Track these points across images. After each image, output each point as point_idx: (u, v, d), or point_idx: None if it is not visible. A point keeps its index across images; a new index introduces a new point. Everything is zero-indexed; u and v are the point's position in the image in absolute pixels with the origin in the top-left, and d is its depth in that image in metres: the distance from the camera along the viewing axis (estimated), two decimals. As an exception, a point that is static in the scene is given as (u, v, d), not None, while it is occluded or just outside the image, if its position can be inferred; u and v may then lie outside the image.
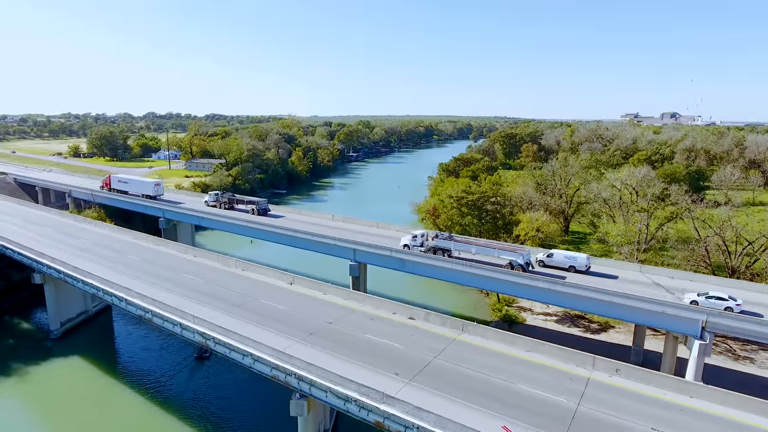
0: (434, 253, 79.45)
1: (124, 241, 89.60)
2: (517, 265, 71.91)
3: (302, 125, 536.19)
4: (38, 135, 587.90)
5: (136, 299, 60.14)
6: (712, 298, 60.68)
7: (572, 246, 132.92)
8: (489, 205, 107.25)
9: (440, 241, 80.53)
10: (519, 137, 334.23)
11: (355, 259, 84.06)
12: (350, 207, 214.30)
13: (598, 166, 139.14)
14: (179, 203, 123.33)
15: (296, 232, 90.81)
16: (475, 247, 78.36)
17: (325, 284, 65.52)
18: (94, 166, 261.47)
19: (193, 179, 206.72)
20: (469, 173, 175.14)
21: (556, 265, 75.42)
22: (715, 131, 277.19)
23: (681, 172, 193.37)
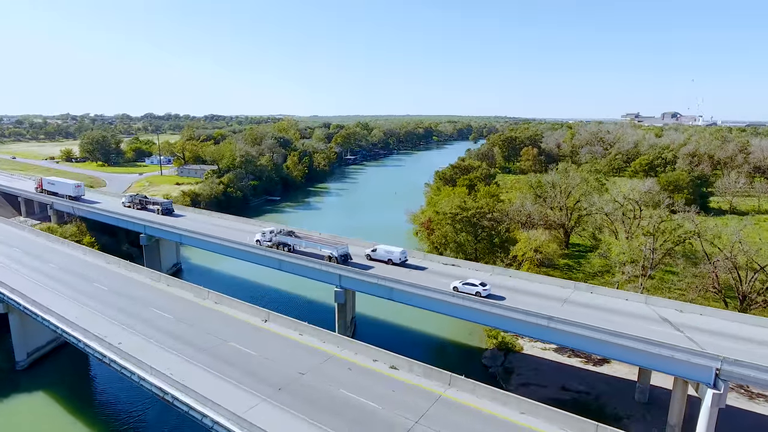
0: (277, 247, 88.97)
1: (95, 265, 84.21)
2: (333, 257, 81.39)
3: (300, 127, 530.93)
4: (34, 137, 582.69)
5: (93, 342, 54.86)
6: (467, 285, 69.04)
7: (572, 260, 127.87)
8: (485, 221, 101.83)
9: (281, 236, 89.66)
10: (519, 141, 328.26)
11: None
12: (345, 215, 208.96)
13: (599, 178, 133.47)
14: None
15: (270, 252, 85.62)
16: (305, 242, 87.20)
17: (302, 323, 60.01)
18: (85, 172, 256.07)
19: (184, 187, 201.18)
20: (466, 182, 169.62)
21: (378, 258, 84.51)
22: (719, 135, 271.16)
23: (684, 180, 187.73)
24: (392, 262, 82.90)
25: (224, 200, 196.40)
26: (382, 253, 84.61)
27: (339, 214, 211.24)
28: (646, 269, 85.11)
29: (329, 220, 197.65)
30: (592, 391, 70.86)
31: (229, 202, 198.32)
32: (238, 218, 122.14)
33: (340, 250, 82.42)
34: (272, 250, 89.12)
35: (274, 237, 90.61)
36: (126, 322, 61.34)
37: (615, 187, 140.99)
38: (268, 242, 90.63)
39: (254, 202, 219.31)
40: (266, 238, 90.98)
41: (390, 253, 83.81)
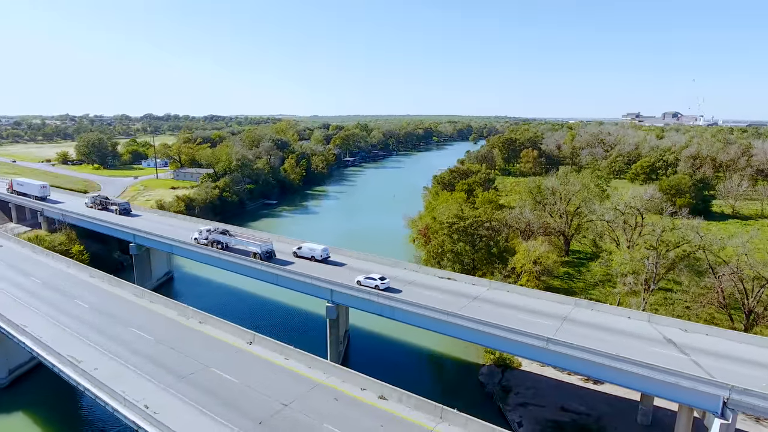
0: (212, 245, 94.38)
1: (78, 280, 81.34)
2: (258, 254, 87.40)
3: (298, 128, 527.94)
4: (32, 138, 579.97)
5: (67, 368, 52.15)
6: (369, 279, 74.35)
7: (572, 268, 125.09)
8: (483, 230, 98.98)
9: (215, 234, 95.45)
10: (519, 142, 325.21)
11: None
12: (342, 219, 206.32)
13: (600, 183, 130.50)
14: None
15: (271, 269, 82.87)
16: (235, 240, 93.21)
17: (288, 347, 57.10)
18: (80, 176, 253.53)
19: (178, 192, 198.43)
20: (465, 186, 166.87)
21: (303, 255, 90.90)
22: (721, 137, 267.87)
23: (686, 183, 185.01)
24: (315, 258, 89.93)
25: (219, 205, 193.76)
26: (307, 250, 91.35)
27: (336, 219, 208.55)
28: (649, 284, 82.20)
29: (326, 225, 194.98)
30: (593, 413, 68.04)
31: (224, 207, 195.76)
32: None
33: (263, 247, 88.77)
34: (207, 247, 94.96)
35: (209, 235, 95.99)
36: (104, 345, 58.52)
37: (616, 194, 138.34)
38: (204, 240, 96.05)
39: (250, 206, 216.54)
40: (203, 236, 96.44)
41: (313, 251, 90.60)
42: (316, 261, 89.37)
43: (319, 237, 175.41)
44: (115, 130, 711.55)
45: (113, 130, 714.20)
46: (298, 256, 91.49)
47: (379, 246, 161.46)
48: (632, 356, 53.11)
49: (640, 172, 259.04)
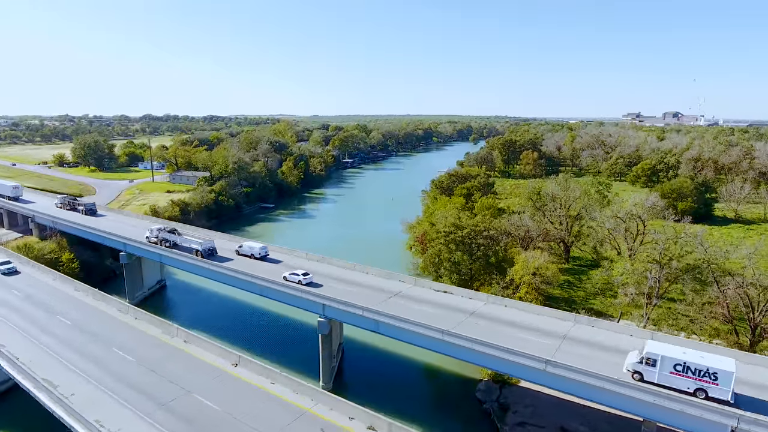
0: (161, 243, 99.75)
1: (62, 294, 78.86)
2: (199, 252, 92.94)
3: (297, 129, 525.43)
4: (30, 139, 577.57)
5: (42, 394, 49.69)
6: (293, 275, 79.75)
7: (572, 276, 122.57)
8: (480, 239, 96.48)
9: (164, 233, 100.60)
10: (518, 144, 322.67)
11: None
12: (339, 223, 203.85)
13: (600, 189, 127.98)
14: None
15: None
16: (179, 238, 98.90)
17: (274, 371, 54.55)
18: (76, 179, 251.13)
19: (174, 196, 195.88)
20: (464, 191, 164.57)
21: (244, 253, 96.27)
22: (723, 140, 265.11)
23: (688, 187, 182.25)
24: (254, 256, 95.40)
25: (215, 209, 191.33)
26: (247, 248, 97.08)
27: (333, 223, 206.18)
28: (652, 298, 79.65)
29: (323, 229, 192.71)
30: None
31: (220, 211, 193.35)
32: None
33: (204, 245, 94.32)
34: (157, 245, 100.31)
35: (159, 234, 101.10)
36: (83, 367, 56.04)
37: (617, 199, 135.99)
38: (155, 238, 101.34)
39: (247, 210, 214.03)
40: (153, 235, 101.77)
41: (252, 249, 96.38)
42: (255, 258, 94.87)
43: (315, 242, 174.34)
44: (113, 131, 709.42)
45: (112, 130, 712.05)
46: (240, 253, 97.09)
47: (376, 252, 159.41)
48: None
49: (641, 175, 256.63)
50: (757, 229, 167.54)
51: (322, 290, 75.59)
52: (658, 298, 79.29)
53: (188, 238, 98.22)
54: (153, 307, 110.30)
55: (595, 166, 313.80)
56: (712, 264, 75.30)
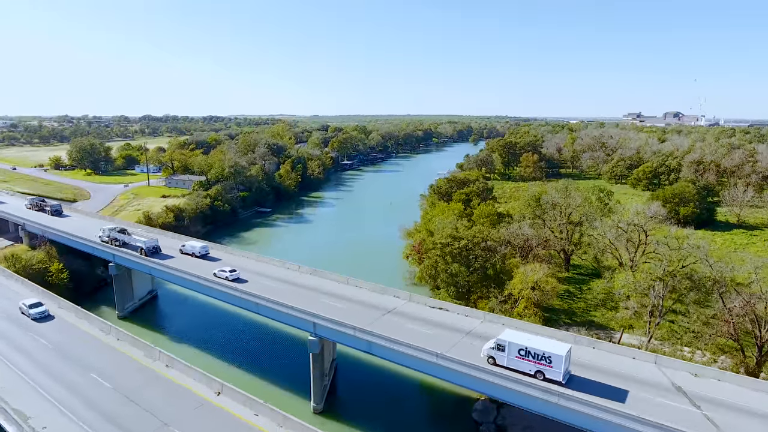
0: (111, 242, 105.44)
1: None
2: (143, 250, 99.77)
3: (296, 131, 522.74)
4: (28, 141, 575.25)
5: (11, 427, 46.98)
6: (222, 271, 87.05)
7: (573, 285, 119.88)
8: (478, 250, 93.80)
9: (114, 233, 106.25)
10: (518, 146, 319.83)
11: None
12: (337, 227, 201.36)
13: (602, 197, 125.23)
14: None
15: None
16: (127, 237, 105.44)
17: (258, 401, 51.78)
18: (71, 182, 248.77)
19: (169, 201, 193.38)
20: (462, 197, 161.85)
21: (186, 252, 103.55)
22: (725, 143, 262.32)
23: (690, 192, 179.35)
24: (195, 255, 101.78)
25: (210, 214, 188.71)
26: (189, 247, 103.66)
27: (331, 227, 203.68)
28: (655, 315, 76.90)
29: (320, 234, 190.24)
30: (595, 459, 62.87)
31: (215, 216, 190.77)
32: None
33: (148, 243, 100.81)
34: (107, 244, 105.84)
35: (110, 233, 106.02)
36: (58, 395, 53.40)
37: (619, 206, 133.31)
38: (106, 238, 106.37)
39: (243, 215, 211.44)
40: (105, 234, 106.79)
41: (193, 248, 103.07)
42: (196, 257, 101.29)
43: (311, 248, 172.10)
44: (112, 132, 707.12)
45: (111, 131, 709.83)
46: (183, 252, 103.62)
47: (373, 257, 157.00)
48: (639, 408, 48.12)
49: (642, 178, 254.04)
50: (760, 234, 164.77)
51: (312, 307, 72.92)
52: (660, 317, 76.46)
53: (136, 238, 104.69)
54: (143, 319, 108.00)
55: (595, 168, 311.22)
56: (717, 282, 72.37)
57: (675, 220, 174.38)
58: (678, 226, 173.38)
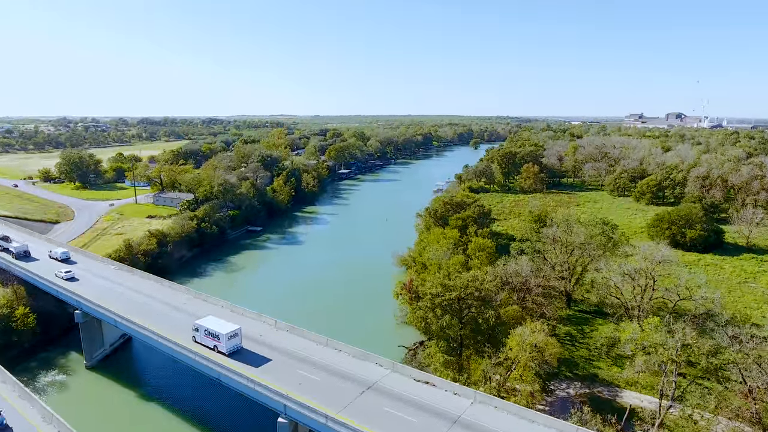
0: None
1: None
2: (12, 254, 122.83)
3: (293, 137, 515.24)
4: (23, 147, 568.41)
5: None
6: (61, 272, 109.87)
7: (575, 327, 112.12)
8: (471, 300, 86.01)
9: None
10: (519, 156, 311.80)
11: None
12: (329, 248, 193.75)
13: (606, 230, 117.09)
14: None
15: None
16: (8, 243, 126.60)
17: None
18: (57, 199, 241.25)
19: (154, 222, 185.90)
20: (459, 222, 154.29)
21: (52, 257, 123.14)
22: (732, 156, 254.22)
23: (697, 214, 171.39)
24: (58, 259, 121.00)
25: (197, 237, 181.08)
26: (53, 253, 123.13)
27: (323, 247, 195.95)
28: (666, 398, 68.90)
29: (310, 256, 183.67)
30: None
31: (202, 239, 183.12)
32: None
33: (18, 248, 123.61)
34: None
35: None
36: None
37: (624, 239, 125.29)
38: None
39: (232, 235, 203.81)
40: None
41: (56, 253, 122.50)
42: (58, 261, 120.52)
43: (300, 272, 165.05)
44: (109, 137, 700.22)
45: (107, 136, 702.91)
46: (50, 257, 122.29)
47: (365, 284, 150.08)
48: None
49: (646, 191, 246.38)
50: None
51: (285, 379, 65.41)
52: (673, 400, 68.45)
53: (13, 244, 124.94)
54: (113, 369, 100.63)
55: (597, 179, 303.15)
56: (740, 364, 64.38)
57: (682, 243, 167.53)
58: (684, 249, 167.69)
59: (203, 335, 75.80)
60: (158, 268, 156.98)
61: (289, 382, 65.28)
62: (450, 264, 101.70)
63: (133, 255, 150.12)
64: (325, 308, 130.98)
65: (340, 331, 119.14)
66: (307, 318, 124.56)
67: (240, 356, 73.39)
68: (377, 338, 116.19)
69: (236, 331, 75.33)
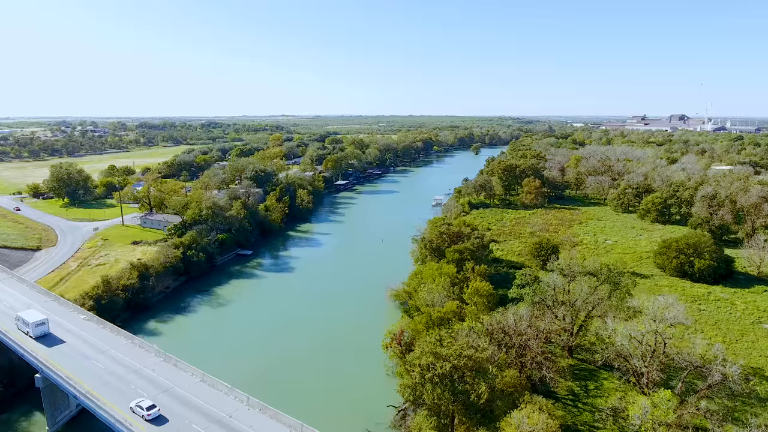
0: None
1: None
2: None
3: (291, 145, 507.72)
4: (18, 155, 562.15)
5: None
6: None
7: (576, 382, 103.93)
8: (465, 370, 78.06)
9: None
10: (519, 169, 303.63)
11: None
12: (321, 274, 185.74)
13: (610, 273, 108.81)
14: None
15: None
16: None
17: None
18: (43, 219, 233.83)
19: (138, 251, 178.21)
20: (456, 255, 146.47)
21: None
22: (743, 174, 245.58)
23: (706, 243, 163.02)
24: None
25: (183, 266, 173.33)
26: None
27: (315, 273, 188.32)
28: None
29: (302, 282, 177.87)
30: None
31: (188, 267, 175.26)
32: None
33: None
34: None
35: None
36: None
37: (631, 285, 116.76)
38: None
39: (221, 261, 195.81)
40: None
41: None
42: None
43: (288, 302, 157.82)
44: (106, 143, 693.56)
45: (105, 142, 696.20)
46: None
47: (356, 318, 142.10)
48: None
49: (652, 209, 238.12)
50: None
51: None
52: None
53: None
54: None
55: (601, 192, 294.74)
56: None
57: (690, 273, 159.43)
58: (693, 280, 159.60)
59: None
60: (139, 304, 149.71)
61: None
62: (443, 312, 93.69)
63: (111, 292, 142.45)
64: (310, 352, 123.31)
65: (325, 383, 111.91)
66: (290, 366, 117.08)
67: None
68: (366, 392, 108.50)
69: None
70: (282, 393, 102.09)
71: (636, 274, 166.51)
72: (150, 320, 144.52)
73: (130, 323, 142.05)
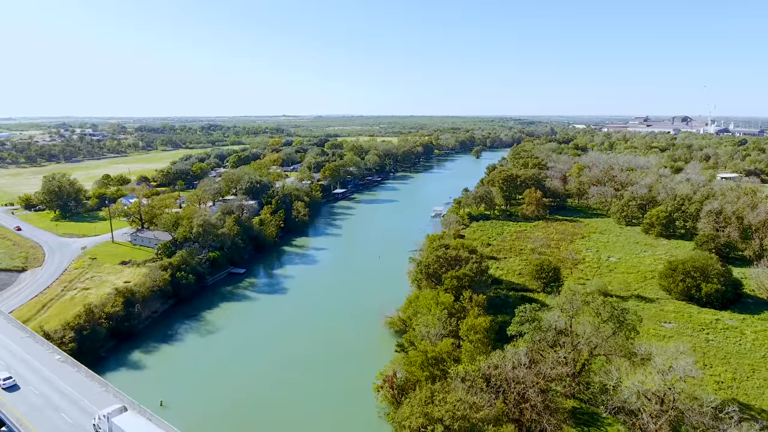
0: None
1: None
2: None
3: (290, 151, 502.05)
4: (15, 161, 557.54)
5: None
6: None
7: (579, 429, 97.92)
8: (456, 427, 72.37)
9: None
10: (520, 179, 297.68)
11: None
12: (313, 294, 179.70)
13: (618, 314, 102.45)
14: None
15: None
16: None
17: None
18: (32, 234, 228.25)
19: (124, 276, 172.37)
20: (453, 283, 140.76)
21: None
22: (750, 189, 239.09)
23: (714, 266, 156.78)
24: None
25: (171, 289, 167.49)
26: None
27: (308, 293, 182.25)
28: None
29: (294, 304, 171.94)
30: None
31: (177, 290, 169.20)
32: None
33: None
34: None
35: None
36: None
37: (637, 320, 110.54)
38: None
39: (212, 280, 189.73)
40: None
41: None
42: None
43: (278, 326, 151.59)
44: (104, 147, 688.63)
45: (103, 147, 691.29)
46: None
47: (348, 351, 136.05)
48: None
49: (656, 223, 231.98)
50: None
51: None
52: None
53: None
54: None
55: (603, 203, 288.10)
56: None
57: (697, 298, 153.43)
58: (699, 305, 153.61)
59: None
60: (123, 332, 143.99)
61: None
62: (437, 351, 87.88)
63: (94, 321, 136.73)
64: (298, 392, 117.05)
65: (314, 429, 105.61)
66: (280, 409, 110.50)
67: None
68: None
69: None
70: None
71: (640, 297, 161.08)
72: (135, 350, 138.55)
73: (114, 353, 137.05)
